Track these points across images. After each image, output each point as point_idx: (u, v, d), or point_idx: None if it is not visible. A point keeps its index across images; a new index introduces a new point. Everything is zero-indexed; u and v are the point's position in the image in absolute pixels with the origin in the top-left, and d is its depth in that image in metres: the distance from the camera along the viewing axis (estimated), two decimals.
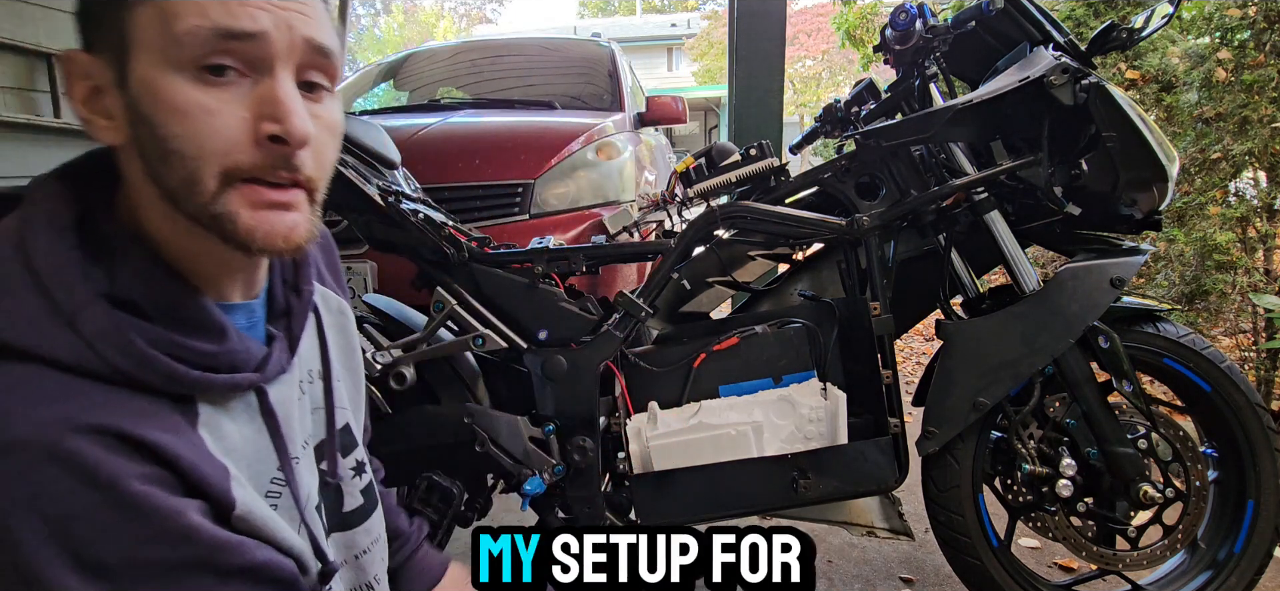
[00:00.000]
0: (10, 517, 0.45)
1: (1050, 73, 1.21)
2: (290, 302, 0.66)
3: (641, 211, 2.37)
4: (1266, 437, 1.32)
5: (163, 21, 0.49)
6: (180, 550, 0.49)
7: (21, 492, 0.44)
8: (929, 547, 1.77)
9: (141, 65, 0.50)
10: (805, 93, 15.04)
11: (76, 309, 0.49)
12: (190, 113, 0.50)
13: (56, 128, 3.13)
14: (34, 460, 0.45)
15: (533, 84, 3.30)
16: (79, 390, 0.48)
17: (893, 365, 1.32)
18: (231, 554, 0.52)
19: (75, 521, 0.45)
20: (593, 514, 1.35)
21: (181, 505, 0.50)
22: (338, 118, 0.58)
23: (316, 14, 0.54)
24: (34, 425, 0.45)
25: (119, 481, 0.46)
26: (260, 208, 0.53)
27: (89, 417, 0.47)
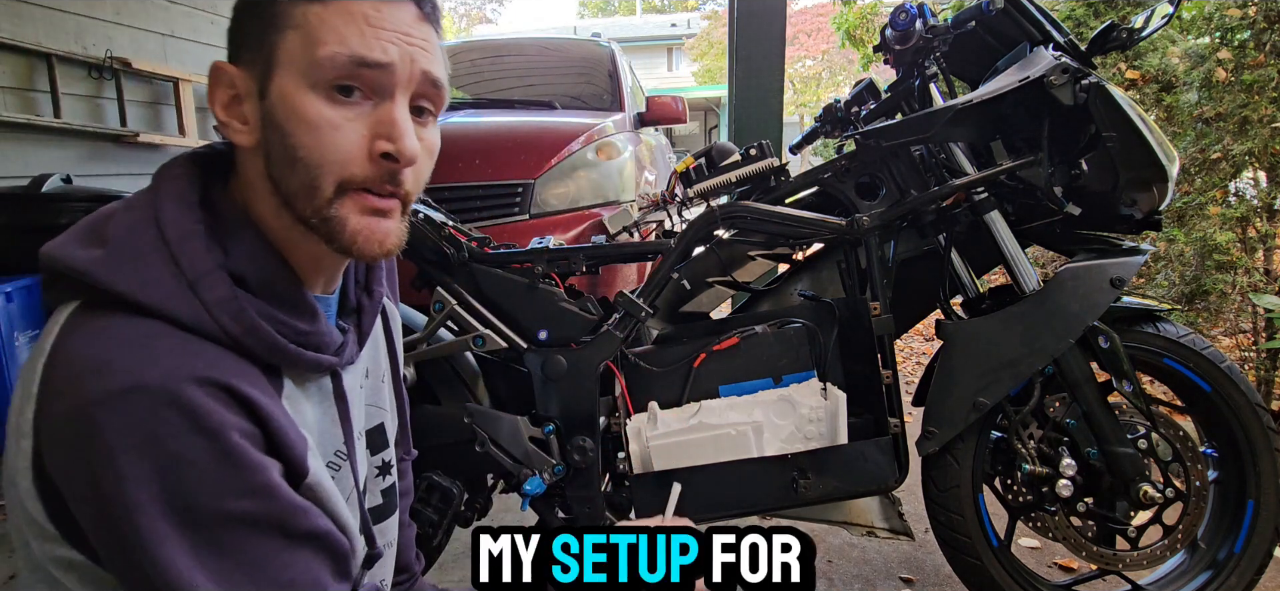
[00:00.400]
0: (122, 454, 0.49)
1: (1050, 73, 1.21)
2: (361, 302, 0.73)
3: (641, 211, 2.37)
4: (1266, 437, 1.32)
5: (307, 45, 0.56)
6: (260, 506, 0.54)
7: (141, 432, 0.50)
8: (929, 547, 1.77)
9: (282, 81, 0.57)
10: (805, 93, 15.04)
11: (199, 276, 0.55)
12: (320, 126, 0.57)
13: (57, 128, 3.13)
14: (156, 403, 0.50)
15: (533, 84, 3.30)
16: (196, 347, 0.54)
17: (893, 365, 1.32)
18: (302, 518, 0.57)
19: (181, 464, 0.51)
20: (593, 514, 1.35)
21: (267, 463, 0.55)
22: (437, 141, 0.65)
23: (434, 49, 0.61)
24: (159, 372, 0.51)
25: (223, 431, 0.52)
26: (366, 215, 0.60)
27: (204, 371, 0.52)
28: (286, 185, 0.59)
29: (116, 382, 0.50)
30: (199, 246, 0.56)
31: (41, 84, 3.12)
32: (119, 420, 0.49)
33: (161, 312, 0.54)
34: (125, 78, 3.48)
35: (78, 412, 0.50)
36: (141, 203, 0.58)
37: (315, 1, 0.57)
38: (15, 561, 0.60)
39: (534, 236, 1.59)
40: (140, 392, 0.50)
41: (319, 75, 0.57)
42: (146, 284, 0.54)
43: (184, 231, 0.56)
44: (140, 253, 0.55)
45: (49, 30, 3.15)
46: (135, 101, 3.61)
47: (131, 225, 0.56)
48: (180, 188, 0.59)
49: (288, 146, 0.58)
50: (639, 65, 4.84)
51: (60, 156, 3.17)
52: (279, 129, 0.58)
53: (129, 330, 0.53)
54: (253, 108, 0.59)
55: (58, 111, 3.15)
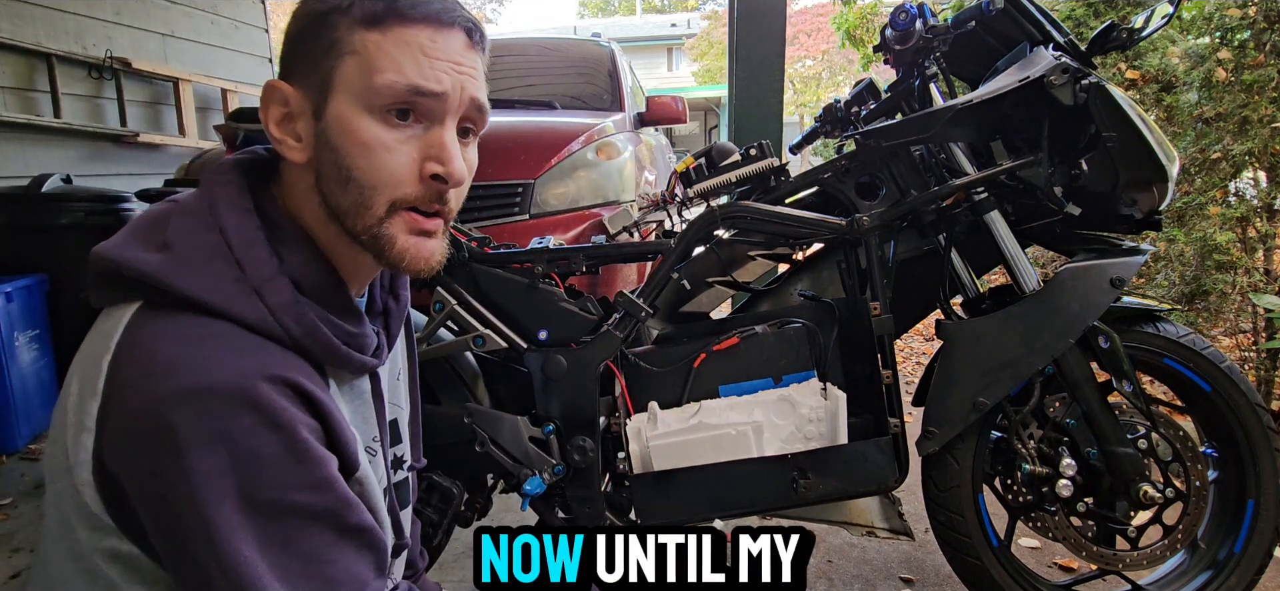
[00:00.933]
0: (196, 449, 0.51)
1: (1050, 73, 1.21)
2: (388, 305, 0.77)
3: (641, 211, 2.37)
4: (1266, 437, 1.32)
5: (365, 72, 0.59)
6: (320, 499, 0.57)
7: (214, 428, 0.52)
8: (929, 547, 1.77)
9: (339, 104, 0.60)
10: (805, 93, 15.04)
11: (263, 281, 0.59)
12: (374, 148, 0.60)
13: (57, 128, 3.13)
14: (229, 400, 0.53)
15: (533, 84, 3.30)
16: (263, 347, 0.57)
17: (893, 365, 1.32)
18: (352, 512, 0.60)
19: (253, 458, 0.53)
20: (593, 514, 1.35)
21: (329, 458, 0.58)
22: (475, 159, 0.68)
23: (480, 76, 0.65)
24: (231, 371, 0.53)
25: (294, 426, 0.55)
26: (413, 234, 0.64)
27: (272, 369, 0.56)
28: (338, 201, 0.62)
29: (191, 380, 0.52)
30: (262, 253, 0.59)
31: (41, 84, 3.12)
32: (193, 416, 0.52)
33: (228, 314, 0.56)
34: (125, 78, 3.49)
35: (151, 409, 0.52)
36: (199, 209, 0.60)
37: (374, 29, 0.60)
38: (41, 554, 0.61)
39: (534, 236, 1.59)
40: (214, 390, 0.52)
41: (376, 100, 0.60)
42: (214, 288, 0.57)
43: (246, 238, 0.59)
44: (206, 258, 0.58)
45: (49, 30, 3.15)
46: (135, 101, 3.61)
47: (193, 230, 0.59)
48: (234, 195, 0.61)
49: (342, 166, 0.61)
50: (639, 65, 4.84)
51: (60, 156, 3.17)
52: (334, 148, 0.61)
53: (198, 330, 0.55)
54: (307, 126, 0.62)
55: (58, 111, 3.15)
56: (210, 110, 4.13)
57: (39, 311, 2.66)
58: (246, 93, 4.29)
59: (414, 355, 0.87)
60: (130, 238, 0.60)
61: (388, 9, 0.60)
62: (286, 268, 0.61)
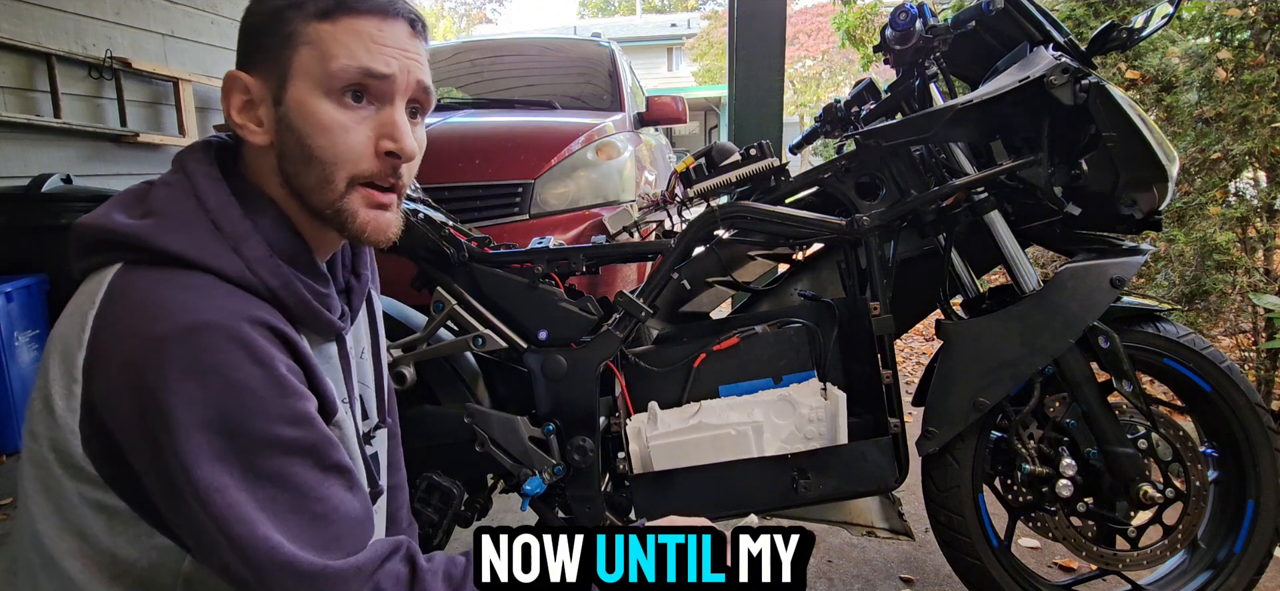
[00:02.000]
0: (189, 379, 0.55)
1: (1050, 73, 1.21)
2: (350, 283, 0.81)
3: (641, 211, 2.37)
4: (1266, 437, 1.31)
5: (320, 59, 0.65)
6: (303, 433, 0.61)
7: (206, 360, 0.56)
8: (929, 547, 1.77)
9: (297, 90, 0.66)
10: (805, 93, 15.04)
11: (240, 238, 0.64)
12: (332, 129, 0.66)
13: (57, 128, 3.13)
14: (218, 336, 0.57)
15: (533, 84, 3.30)
16: (245, 296, 0.62)
17: (893, 365, 1.32)
18: (333, 449, 0.64)
19: (240, 390, 0.57)
20: (593, 514, 1.35)
21: (305, 392, 0.63)
22: (423, 138, 0.74)
23: (423, 60, 0.71)
24: (217, 312, 0.58)
25: (274, 362, 0.60)
26: (372, 207, 0.69)
27: (256, 313, 0.61)
28: (301, 180, 0.67)
29: (184, 319, 0.57)
30: (236, 214, 0.64)
31: (41, 84, 3.12)
32: (186, 351, 0.56)
33: (210, 267, 0.61)
34: (125, 78, 3.48)
35: (146, 347, 0.56)
36: (176, 180, 0.66)
37: (326, 21, 0.65)
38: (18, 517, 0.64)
39: (534, 236, 1.59)
40: (205, 327, 0.57)
41: (331, 84, 0.65)
42: (195, 244, 0.61)
43: (221, 201, 0.64)
44: (186, 219, 0.63)
45: (49, 30, 3.15)
46: (135, 101, 3.61)
47: (172, 198, 0.64)
48: (206, 167, 0.66)
49: (304, 146, 0.66)
50: (639, 65, 4.84)
51: (60, 156, 3.17)
52: (294, 131, 0.66)
53: (185, 279, 0.60)
54: (268, 112, 0.67)
55: (58, 111, 3.15)
56: (210, 110, 4.13)
57: (39, 311, 2.66)
58: None
59: (379, 334, 0.90)
60: (112, 208, 0.64)
61: (338, 3, 0.66)
62: (259, 229, 0.65)
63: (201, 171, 0.66)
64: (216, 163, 0.68)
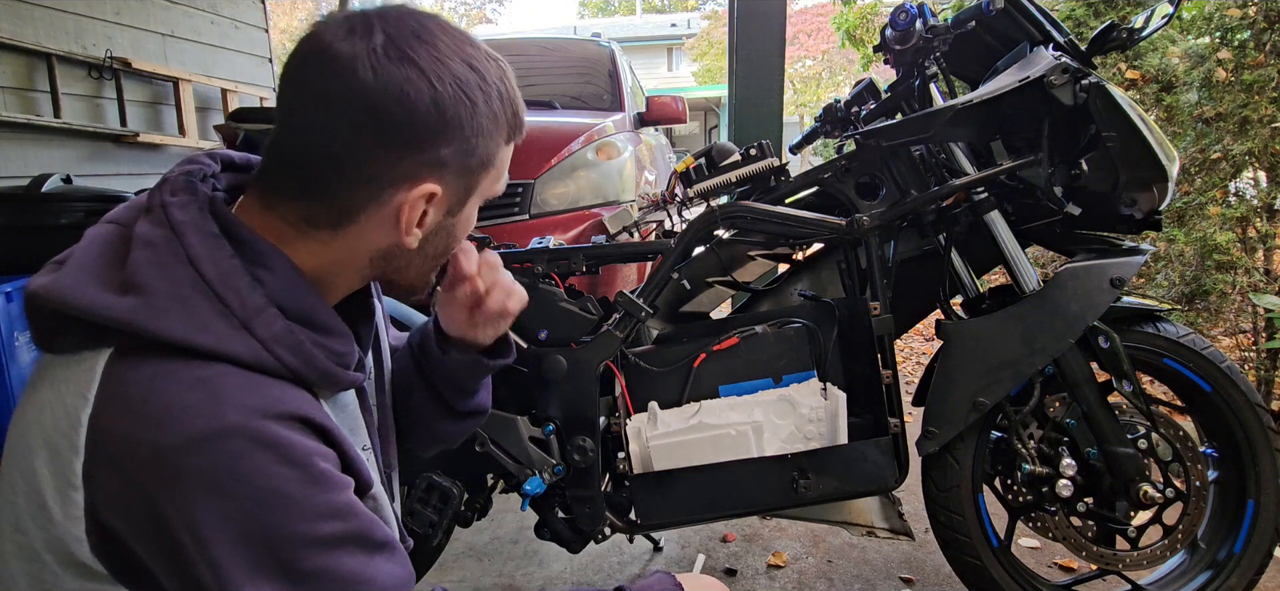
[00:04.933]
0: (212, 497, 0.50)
1: (1050, 73, 1.21)
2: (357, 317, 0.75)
3: (641, 211, 2.37)
4: (1266, 437, 1.31)
5: (493, 182, 0.67)
6: (347, 525, 0.57)
7: (228, 472, 0.50)
8: (929, 547, 1.77)
9: (471, 206, 0.67)
10: (805, 93, 15.04)
11: (251, 315, 0.56)
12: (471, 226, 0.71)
13: (57, 128, 3.13)
14: (240, 442, 0.51)
15: (533, 84, 3.30)
16: (263, 384, 0.55)
17: (893, 365, 1.32)
18: (376, 529, 0.60)
19: (274, 498, 0.52)
20: (593, 514, 1.35)
21: (344, 481, 0.58)
22: None
23: None
24: (235, 412, 0.52)
25: (308, 459, 0.54)
26: None
27: (280, 405, 0.54)
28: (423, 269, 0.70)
29: (196, 427, 0.50)
30: (243, 283, 0.56)
31: (41, 84, 3.12)
32: (205, 463, 0.50)
33: (218, 354, 0.54)
34: (125, 78, 3.48)
35: (156, 461, 0.50)
36: (161, 240, 0.56)
37: (509, 145, 0.67)
38: None
39: (534, 236, 1.59)
40: (225, 432, 0.51)
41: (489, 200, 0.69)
42: (199, 328, 0.54)
43: (222, 270, 0.56)
44: (184, 296, 0.54)
45: (49, 30, 3.15)
46: (135, 101, 3.60)
47: (162, 265, 0.55)
48: (197, 219, 0.57)
49: (449, 248, 0.70)
50: (639, 65, 4.84)
51: (60, 156, 3.17)
52: (452, 237, 0.69)
53: (191, 374, 0.52)
54: (437, 220, 0.65)
55: (58, 111, 3.15)
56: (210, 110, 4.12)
57: None
58: (246, 93, 4.29)
59: (385, 360, 0.86)
60: (84, 276, 0.55)
61: (518, 125, 0.67)
62: (269, 293, 0.58)
63: (194, 227, 0.56)
64: (208, 205, 0.59)
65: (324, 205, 0.61)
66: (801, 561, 1.78)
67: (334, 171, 0.59)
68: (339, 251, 0.63)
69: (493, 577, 1.75)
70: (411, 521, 1.32)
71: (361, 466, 0.62)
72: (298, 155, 0.60)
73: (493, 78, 0.62)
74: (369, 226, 0.62)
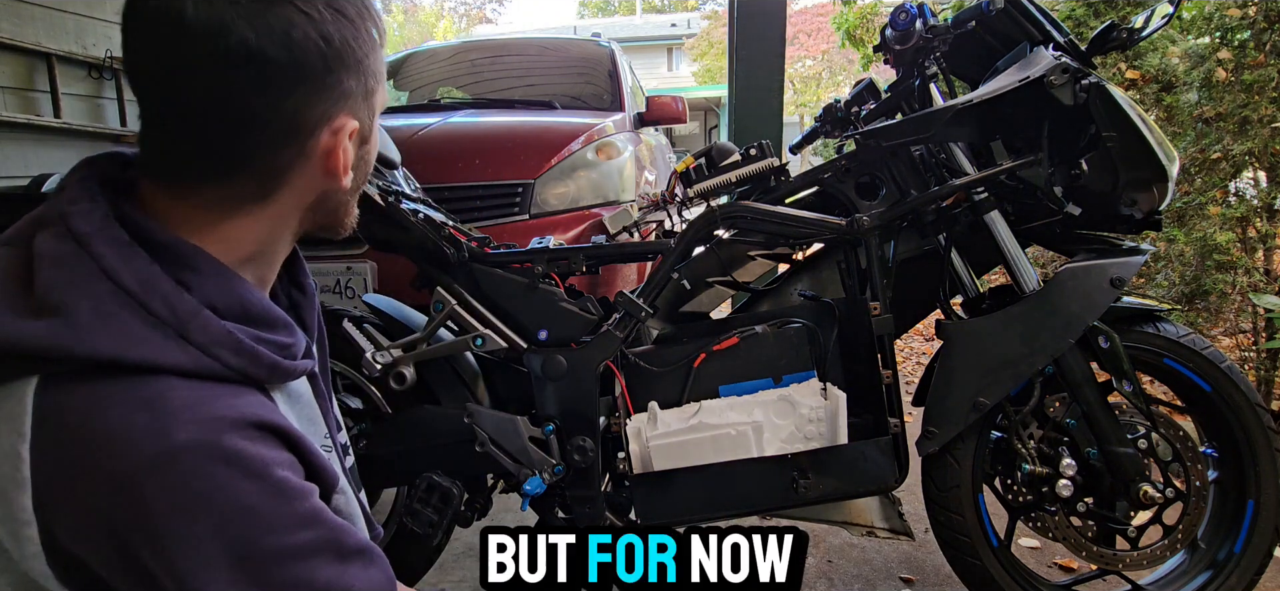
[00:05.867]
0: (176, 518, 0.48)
1: (1050, 73, 1.21)
2: (294, 298, 0.73)
3: (641, 211, 2.37)
4: (1266, 437, 1.31)
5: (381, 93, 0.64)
6: (314, 534, 0.54)
7: (190, 491, 0.48)
8: (929, 547, 1.77)
9: (376, 124, 0.66)
10: (805, 93, 15.04)
11: (184, 320, 0.52)
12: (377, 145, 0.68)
13: (57, 128, 3.13)
14: (198, 459, 0.48)
15: (533, 84, 3.30)
16: (210, 392, 0.52)
17: (893, 365, 1.32)
18: (347, 535, 0.57)
19: (239, 513, 0.49)
20: (593, 514, 1.35)
21: (310, 488, 0.56)
22: None
23: None
24: (187, 428, 0.49)
25: (269, 469, 0.52)
26: None
27: (232, 413, 0.51)
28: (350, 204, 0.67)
29: (148, 449, 0.47)
30: (168, 288, 0.52)
31: (41, 84, 3.12)
32: (164, 485, 0.47)
33: (157, 366, 0.50)
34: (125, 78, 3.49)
35: (113, 488, 0.47)
36: (69, 255, 0.51)
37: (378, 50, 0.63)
38: None
39: (534, 236, 1.59)
40: (178, 453, 0.48)
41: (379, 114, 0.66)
42: (131, 342, 0.50)
43: (141, 277, 0.52)
44: (107, 311, 0.50)
45: (49, 30, 3.15)
46: (135, 101, 3.61)
47: (75, 282, 0.50)
48: (101, 223, 0.53)
49: (366, 175, 0.68)
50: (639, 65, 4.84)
51: (60, 156, 3.17)
52: (368, 162, 0.67)
53: (132, 393, 0.49)
54: (355, 152, 0.63)
55: (58, 111, 3.15)
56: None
57: None
58: None
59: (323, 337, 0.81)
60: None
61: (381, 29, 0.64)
62: (199, 296, 0.54)
63: (101, 236, 0.52)
64: (112, 212, 0.54)
65: (246, 177, 0.57)
66: None
67: (247, 137, 0.55)
68: (270, 222, 0.60)
69: None
70: (411, 521, 1.32)
71: (323, 464, 0.59)
72: (191, 132, 0.55)
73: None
74: (298, 184, 0.60)
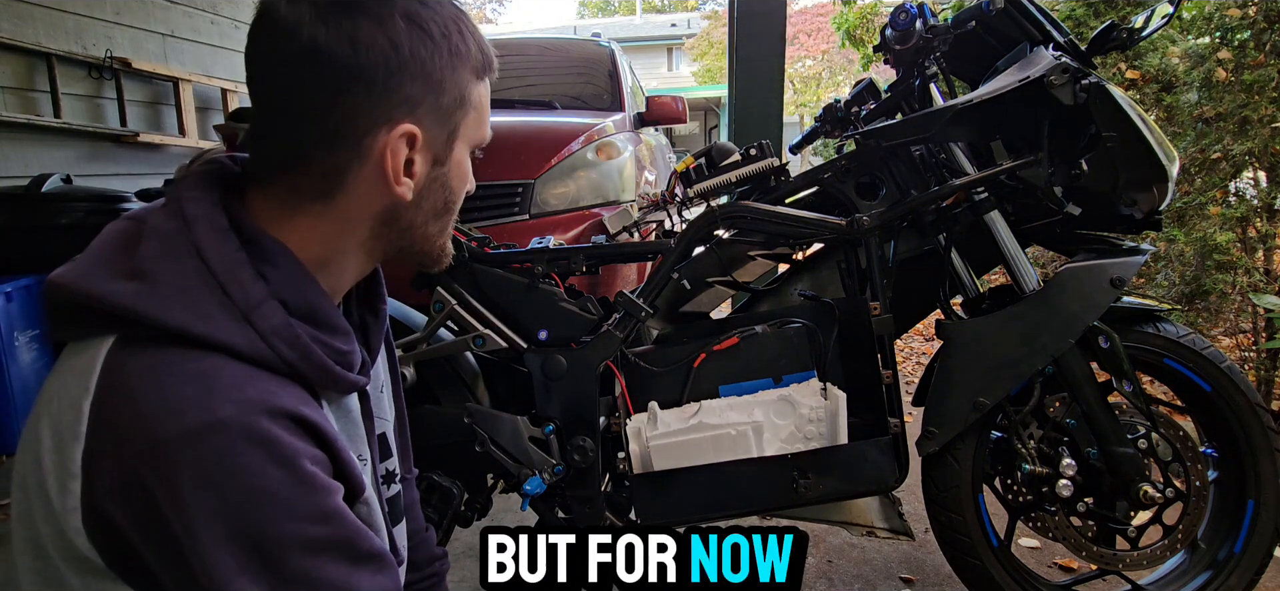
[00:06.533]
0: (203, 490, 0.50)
1: (1050, 72, 1.21)
2: (366, 320, 0.76)
3: (641, 211, 2.37)
4: (1266, 437, 1.31)
5: (478, 125, 0.67)
6: (331, 531, 0.56)
7: (221, 467, 0.50)
8: (929, 547, 1.77)
9: (459, 151, 0.66)
10: (805, 93, 15.03)
11: (252, 306, 0.56)
12: (468, 180, 0.69)
13: (57, 128, 3.13)
14: (233, 437, 0.51)
15: (533, 84, 3.30)
16: (259, 377, 0.55)
17: (893, 365, 1.32)
18: (363, 539, 0.59)
19: (261, 496, 0.51)
20: (593, 514, 1.35)
21: (334, 487, 0.57)
22: None
23: None
24: (229, 406, 0.51)
25: (298, 459, 0.53)
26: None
27: (274, 401, 0.54)
28: (428, 229, 0.67)
29: (190, 420, 0.50)
30: (247, 275, 0.56)
31: (41, 84, 3.12)
32: (197, 457, 0.50)
33: (217, 344, 0.54)
34: (125, 78, 3.48)
35: (152, 452, 0.50)
36: (171, 231, 0.57)
37: (482, 81, 0.66)
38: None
39: (534, 236, 1.59)
40: (216, 428, 0.50)
41: (478, 145, 0.68)
42: (200, 317, 0.54)
43: (228, 261, 0.56)
44: (187, 285, 0.54)
45: (49, 30, 3.15)
46: (135, 101, 3.60)
47: (169, 255, 0.55)
48: (208, 212, 0.58)
49: (449, 201, 0.67)
50: (639, 65, 4.84)
51: (60, 156, 3.17)
52: (447, 187, 0.67)
53: (190, 365, 0.52)
54: (424, 170, 0.64)
55: (58, 111, 3.15)
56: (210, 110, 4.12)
57: (39, 311, 2.66)
58: (246, 93, 4.29)
59: (396, 366, 0.86)
60: (95, 265, 0.56)
61: (487, 62, 0.65)
62: (273, 288, 0.58)
63: (204, 218, 0.57)
64: (220, 201, 0.59)
65: (308, 173, 0.60)
66: None
67: (307, 132, 0.59)
68: (335, 224, 0.63)
69: None
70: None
71: (354, 470, 0.61)
72: (270, 125, 0.60)
73: (445, 12, 0.62)
74: (358, 188, 0.61)
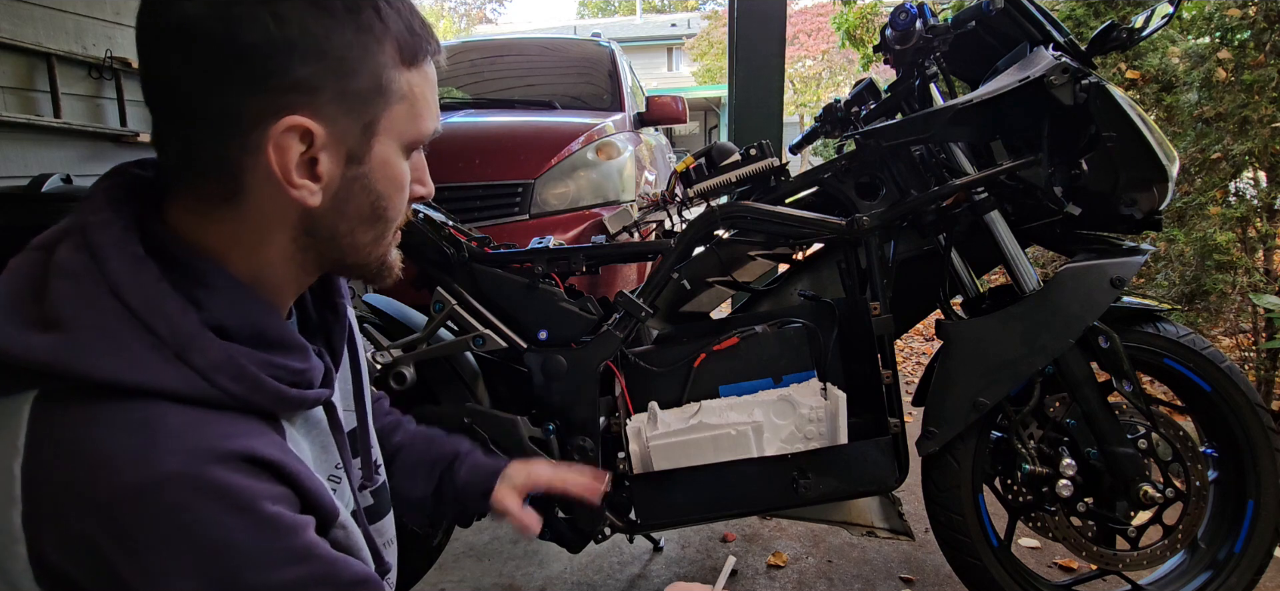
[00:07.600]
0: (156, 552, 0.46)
1: (1050, 72, 1.21)
2: (326, 319, 0.70)
3: (641, 211, 2.37)
4: (1266, 437, 1.31)
5: (412, 119, 0.58)
6: (307, 569, 0.52)
7: (171, 525, 0.46)
8: (929, 547, 1.77)
9: (383, 148, 0.57)
10: (805, 93, 15.03)
11: (184, 343, 0.50)
12: (403, 187, 0.60)
13: (57, 128, 3.13)
14: (182, 492, 0.46)
15: (533, 84, 3.30)
16: (204, 420, 0.50)
17: (893, 365, 1.32)
18: (343, 569, 0.55)
19: (222, 549, 0.47)
20: (593, 514, 1.35)
21: (304, 522, 0.53)
22: None
23: None
24: (174, 458, 0.47)
25: (257, 503, 0.49)
26: (396, 247, 0.64)
27: (224, 444, 0.49)
28: (351, 239, 0.59)
29: (133, 477, 0.46)
30: (173, 308, 0.50)
31: (41, 84, 3.12)
32: (152, 518, 0.46)
33: (154, 391, 0.48)
34: (125, 78, 3.48)
35: (99, 517, 0.46)
36: (80, 266, 0.50)
37: (413, 69, 0.57)
38: None
39: (534, 236, 1.59)
40: (163, 483, 0.46)
41: (411, 144, 0.59)
42: (130, 365, 0.48)
43: (148, 296, 0.50)
44: (107, 329, 0.48)
45: (49, 30, 3.15)
46: (135, 101, 3.60)
47: (81, 298, 0.49)
48: (118, 239, 0.51)
49: (377, 209, 0.59)
50: (639, 65, 4.84)
51: (60, 156, 3.17)
52: (372, 191, 0.58)
53: (124, 416, 0.47)
54: (334, 169, 0.55)
55: (58, 111, 3.15)
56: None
57: None
58: None
59: (360, 360, 0.79)
60: (3, 313, 0.49)
61: (419, 44, 0.57)
62: (207, 315, 0.52)
63: (113, 247, 0.50)
64: (131, 221, 0.52)
65: (204, 173, 0.54)
66: (801, 561, 1.78)
67: (192, 124, 0.52)
68: (252, 232, 0.56)
69: (493, 577, 1.75)
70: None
71: (322, 497, 0.56)
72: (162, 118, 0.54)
73: None
74: (261, 191, 0.54)
